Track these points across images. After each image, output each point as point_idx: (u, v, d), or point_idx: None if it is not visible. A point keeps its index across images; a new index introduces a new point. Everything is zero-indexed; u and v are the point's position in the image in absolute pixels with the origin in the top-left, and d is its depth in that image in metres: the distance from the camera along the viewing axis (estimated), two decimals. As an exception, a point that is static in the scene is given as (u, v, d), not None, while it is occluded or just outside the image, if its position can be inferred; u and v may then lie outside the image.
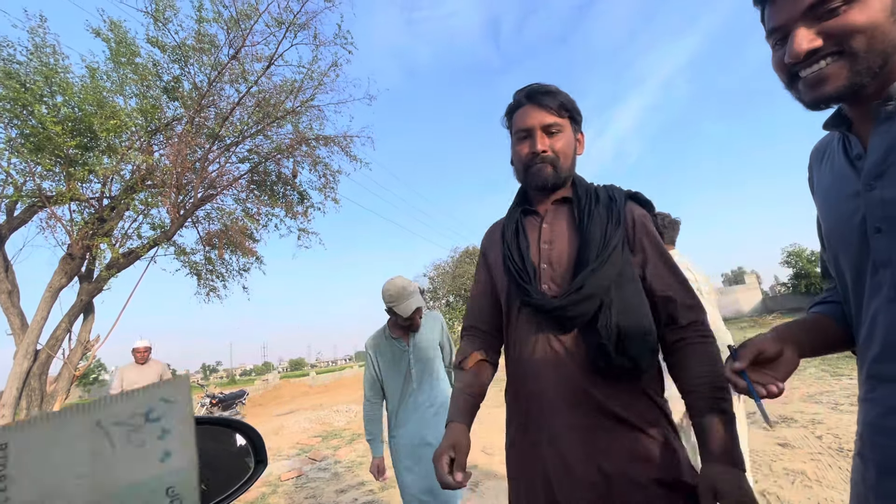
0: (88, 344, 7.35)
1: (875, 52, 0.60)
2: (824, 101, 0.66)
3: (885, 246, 0.62)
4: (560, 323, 1.01)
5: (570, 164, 1.13)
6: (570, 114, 1.12)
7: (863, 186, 0.66)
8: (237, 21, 6.83)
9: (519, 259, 1.10)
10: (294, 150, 8.27)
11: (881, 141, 0.63)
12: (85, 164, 6.55)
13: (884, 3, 0.59)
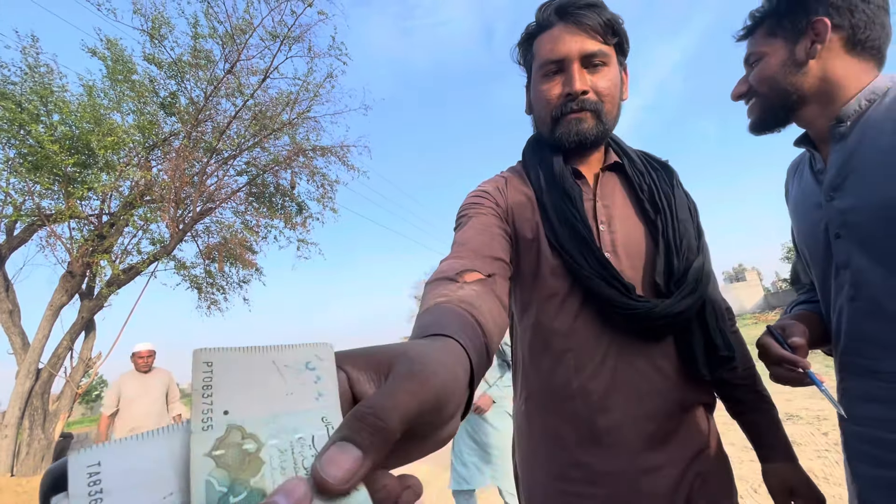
0: (90, 361, 7.33)
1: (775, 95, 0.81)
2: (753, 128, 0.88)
3: (844, 249, 0.72)
4: (646, 334, 0.77)
5: (617, 112, 0.85)
6: (619, 39, 0.82)
7: (824, 198, 0.76)
8: (232, 36, 6.89)
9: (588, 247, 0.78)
10: (291, 161, 8.31)
11: (837, 157, 0.74)
12: (83, 181, 6.58)
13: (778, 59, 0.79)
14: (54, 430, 6.70)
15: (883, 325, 0.67)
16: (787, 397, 5.21)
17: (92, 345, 7.42)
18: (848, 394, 0.74)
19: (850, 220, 0.70)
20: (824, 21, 0.73)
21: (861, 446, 0.71)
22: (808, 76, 0.77)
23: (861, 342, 0.71)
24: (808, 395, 5.17)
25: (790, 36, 0.77)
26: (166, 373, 4.09)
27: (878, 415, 0.68)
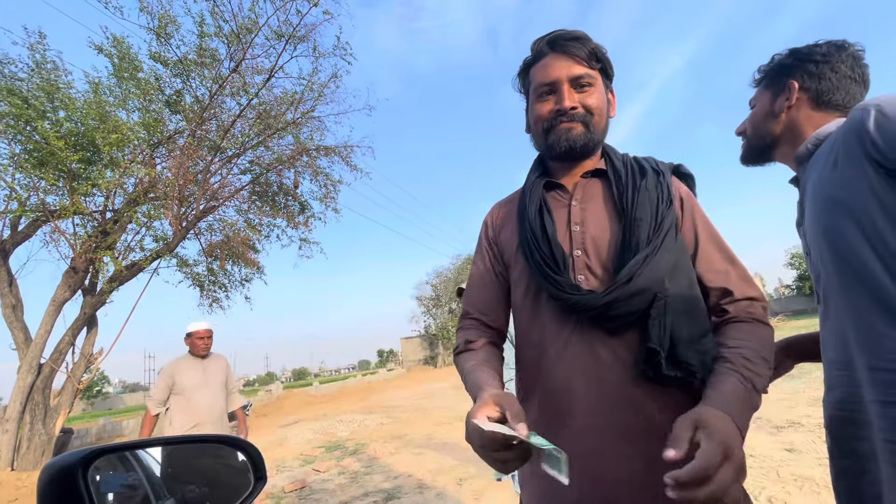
0: (92, 357, 7.36)
1: (756, 138, 1.04)
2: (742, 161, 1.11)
3: (812, 265, 0.89)
4: (601, 323, 0.82)
5: (605, 126, 0.94)
6: (603, 65, 0.93)
7: (797, 223, 0.96)
8: (238, 35, 6.92)
9: (545, 243, 0.88)
10: (295, 160, 8.34)
11: (800, 191, 0.94)
12: (88, 177, 6.62)
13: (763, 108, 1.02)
14: (55, 426, 6.72)
15: (833, 324, 0.82)
16: (789, 404, 5.18)
17: (94, 340, 7.44)
18: (825, 385, 0.89)
19: (809, 241, 0.88)
20: (793, 83, 0.95)
21: (830, 425, 0.86)
22: (779, 124, 0.99)
23: (826, 340, 0.87)
24: (811, 402, 5.14)
25: (774, 91, 1.00)
26: (223, 358, 3.50)
27: (836, 397, 0.83)
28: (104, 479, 0.65)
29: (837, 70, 0.93)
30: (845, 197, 0.75)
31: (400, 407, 10.97)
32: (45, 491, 0.46)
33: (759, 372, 0.75)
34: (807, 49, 0.97)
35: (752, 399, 0.73)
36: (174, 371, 3.17)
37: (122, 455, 0.79)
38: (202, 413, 3.09)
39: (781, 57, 1.01)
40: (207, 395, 3.14)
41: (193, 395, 3.10)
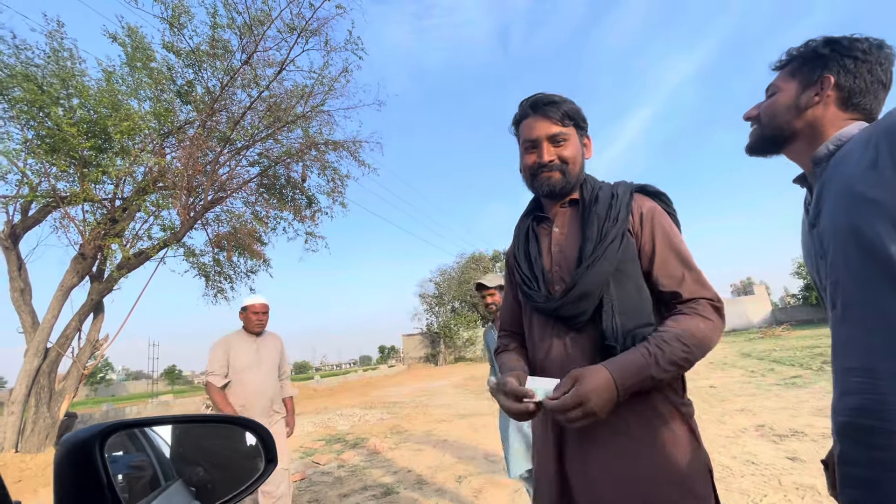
0: (97, 343, 7.43)
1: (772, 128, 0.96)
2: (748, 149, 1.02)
3: (825, 268, 0.86)
4: (565, 323, 1.04)
5: (579, 169, 1.14)
6: (575, 121, 1.13)
7: (809, 226, 0.92)
8: (250, 27, 6.94)
9: (526, 264, 1.15)
10: (304, 154, 8.35)
11: (815, 192, 0.89)
12: (98, 165, 6.66)
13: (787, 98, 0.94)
14: (59, 409, 6.79)
15: (849, 329, 0.80)
16: (792, 413, 5.14)
17: (100, 327, 7.51)
18: (836, 391, 0.86)
19: (825, 244, 0.85)
20: (830, 78, 0.87)
21: (846, 431, 0.83)
22: (802, 120, 0.91)
23: (839, 345, 0.84)
24: (814, 412, 5.10)
25: (803, 81, 0.92)
26: (279, 338, 3.21)
27: (853, 404, 0.79)
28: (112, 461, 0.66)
29: (873, 72, 0.87)
30: (885, 198, 0.71)
31: (400, 403, 11.00)
32: (62, 464, 0.47)
33: (667, 349, 0.91)
34: (847, 42, 0.88)
35: (648, 366, 0.90)
36: (229, 345, 2.92)
37: (133, 434, 0.80)
38: (250, 395, 2.84)
39: (817, 45, 0.91)
40: (258, 377, 2.89)
41: (244, 375, 2.85)
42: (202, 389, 19.95)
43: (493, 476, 4.08)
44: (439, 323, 32.41)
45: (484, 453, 4.97)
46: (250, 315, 3.01)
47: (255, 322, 3.01)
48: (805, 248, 0.97)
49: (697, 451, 0.98)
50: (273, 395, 2.99)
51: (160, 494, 0.76)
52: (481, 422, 6.96)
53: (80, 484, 0.46)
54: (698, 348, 0.94)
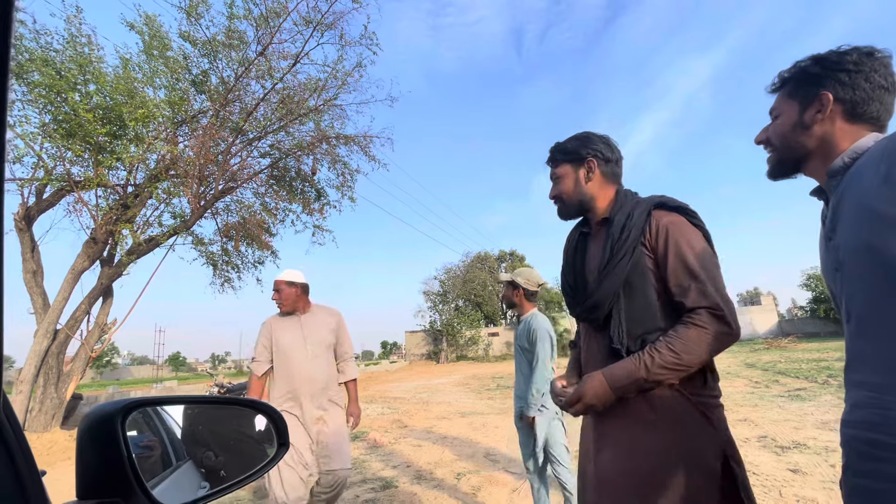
0: (105, 327, 7.53)
1: (785, 151, 0.99)
2: (769, 175, 1.05)
3: (840, 281, 0.86)
4: (590, 325, 1.29)
5: (575, 196, 1.37)
6: (568, 157, 1.37)
7: (825, 238, 0.92)
8: (266, 19, 6.97)
9: (570, 274, 1.37)
10: (314, 147, 8.39)
11: (832, 205, 0.89)
12: (113, 151, 6.75)
13: (790, 119, 0.96)
14: (67, 391, 6.90)
15: (864, 343, 0.80)
16: (794, 426, 5.10)
17: (108, 311, 7.61)
18: (847, 404, 0.86)
19: (841, 257, 0.84)
20: (828, 95, 0.90)
21: (856, 445, 0.83)
22: (811, 137, 0.93)
23: (853, 359, 0.84)
24: (818, 425, 5.05)
25: (803, 101, 0.94)
26: (333, 312, 2.81)
27: (863, 418, 0.80)
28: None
29: (871, 80, 0.88)
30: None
31: (401, 398, 11.05)
32: (84, 437, 0.48)
33: (657, 356, 1.08)
34: (835, 56, 0.91)
35: (638, 370, 1.09)
36: (272, 326, 2.66)
37: (147, 414, 0.81)
38: (297, 379, 2.54)
39: (807, 64, 0.94)
40: (304, 359, 2.58)
41: (287, 359, 2.58)
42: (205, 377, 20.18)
43: (493, 474, 4.09)
44: (442, 321, 32.46)
45: (484, 452, 4.98)
46: (273, 294, 2.68)
47: (276, 301, 2.67)
48: (822, 259, 0.98)
49: (708, 434, 1.09)
50: (327, 380, 2.60)
51: (171, 474, 0.78)
52: (481, 420, 6.97)
53: (102, 456, 0.48)
54: (688, 354, 1.07)
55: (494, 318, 34.63)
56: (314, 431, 2.54)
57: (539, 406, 2.59)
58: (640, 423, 1.14)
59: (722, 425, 1.12)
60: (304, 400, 2.54)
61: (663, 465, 1.08)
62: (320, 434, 2.55)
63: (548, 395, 2.60)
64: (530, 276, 2.79)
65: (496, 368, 20.53)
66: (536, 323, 2.69)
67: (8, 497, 0.37)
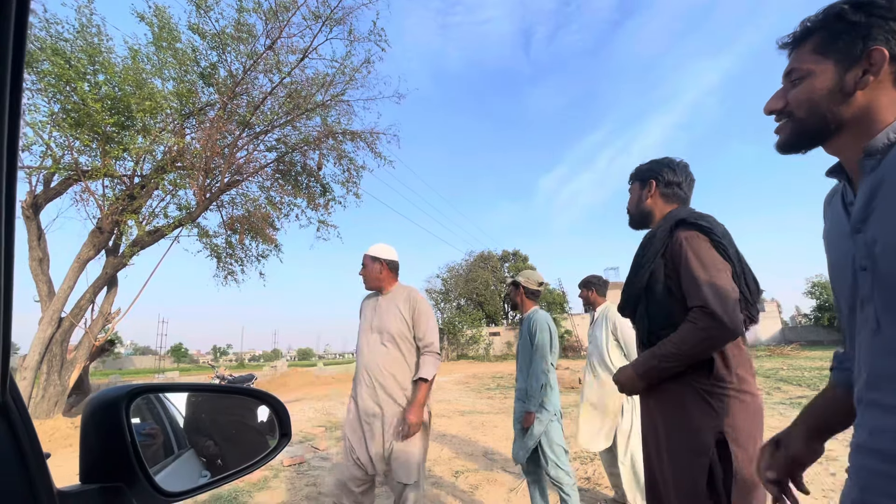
0: (109, 316, 7.58)
1: (812, 120, 0.78)
2: (781, 147, 0.85)
3: (869, 283, 0.71)
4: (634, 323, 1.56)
5: (635, 211, 1.64)
6: (638, 177, 1.64)
7: (851, 229, 0.75)
8: (276, 12, 6.98)
9: None
10: (321, 142, 8.40)
11: (865, 190, 0.72)
12: (120, 142, 6.78)
13: (825, 83, 0.75)
14: (70, 378, 6.95)
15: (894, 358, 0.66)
16: (796, 433, 5.07)
17: (113, 300, 7.66)
18: (865, 428, 0.74)
19: (875, 254, 0.69)
20: (883, 51, 0.68)
21: (873, 479, 0.71)
22: (851, 106, 0.73)
23: (880, 377, 0.70)
24: (819, 433, 5.02)
25: (842, 60, 0.73)
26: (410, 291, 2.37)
27: (890, 448, 0.68)
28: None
29: None
30: None
31: (401, 395, 11.04)
32: (89, 421, 0.48)
33: (662, 348, 1.33)
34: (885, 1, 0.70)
35: (651, 359, 1.36)
36: (362, 304, 2.48)
37: (149, 402, 0.82)
38: (359, 365, 2.30)
39: (844, 10, 0.73)
40: (365, 344, 2.28)
41: (358, 340, 2.36)
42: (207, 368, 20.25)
43: (491, 473, 4.09)
44: (444, 319, 32.48)
45: (483, 450, 4.98)
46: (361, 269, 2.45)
47: (361, 275, 2.43)
48: (836, 253, 0.83)
49: (708, 418, 1.27)
50: (386, 372, 2.20)
51: (173, 462, 0.78)
52: (481, 419, 6.97)
53: (106, 441, 0.48)
54: (684, 345, 1.28)
55: (496, 318, 34.62)
56: (368, 428, 2.21)
57: (539, 401, 2.59)
58: (660, 404, 1.39)
59: (724, 411, 1.27)
60: (361, 389, 2.24)
61: (669, 440, 1.34)
62: (375, 434, 2.18)
63: (547, 390, 2.62)
64: (531, 276, 2.86)
65: (497, 368, 20.53)
66: (536, 317, 2.75)
67: (12, 478, 0.37)
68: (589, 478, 3.81)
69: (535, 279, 2.85)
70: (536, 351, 2.62)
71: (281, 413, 0.76)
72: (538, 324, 2.68)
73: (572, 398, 8.50)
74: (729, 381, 1.30)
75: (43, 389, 6.66)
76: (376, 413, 2.21)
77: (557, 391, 2.73)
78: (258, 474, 4.22)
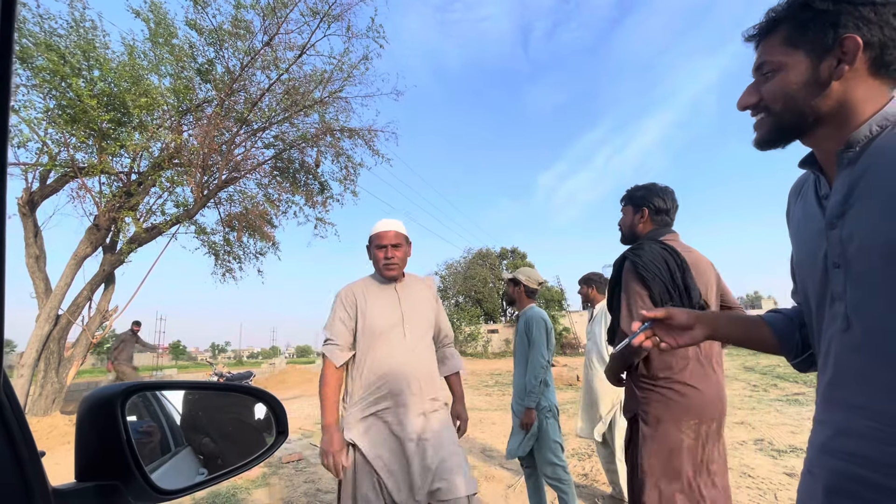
0: (107, 314, 7.56)
1: (790, 114, 0.75)
2: (759, 143, 0.81)
3: (841, 280, 0.69)
4: None
5: (628, 231, 1.94)
6: (630, 201, 1.92)
7: (826, 225, 0.73)
8: (273, 9, 6.94)
9: None
10: (319, 139, 8.37)
11: (842, 184, 0.70)
12: (117, 138, 6.74)
13: (798, 76, 0.72)
14: (67, 376, 6.94)
15: (870, 360, 0.65)
16: (791, 430, 5.10)
17: (110, 298, 7.64)
18: (829, 426, 0.72)
19: (850, 252, 0.68)
20: (856, 39, 0.66)
21: (839, 481, 0.69)
22: (828, 98, 0.71)
23: (848, 375, 0.69)
24: (815, 429, 5.05)
25: (814, 50, 0.71)
26: (430, 282, 2.09)
27: (856, 450, 0.66)
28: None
29: None
30: None
31: (399, 393, 11.07)
32: (84, 419, 0.48)
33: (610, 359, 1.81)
34: None
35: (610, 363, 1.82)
36: (357, 296, 1.89)
37: (146, 400, 0.82)
38: (393, 373, 1.78)
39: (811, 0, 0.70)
40: (402, 345, 1.83)
41: (384, 342, 1.83)
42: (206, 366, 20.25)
43: (489, 470, 4.10)
44: (442, 316, 32.41)
45: (481, 447, 5.00)
46: (376, 251, 1.91)
47: (384, 261, 1.89)
48: (806, 247, 0.80)
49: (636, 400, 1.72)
50: (429, 373, 1.88)
51: (170, 460, 0.78)
52: (478, 416, 6.99)
53: (102, 439, 0.48)
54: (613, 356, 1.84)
55: (494, 316, 34.66)
56: (414, 446, 1.72)
57: (537, 397, 2.60)
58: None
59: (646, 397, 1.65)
60: (402, 401, 1.76)
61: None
62: (424, 449, 1.72)
63: (544, 386, 2.64)
64: (531, 275, 2.89)
65: (495, 365, 20.58)
66: (532, 313, 2.79)
67: (7, 476, 0.37)
68: (586, 474, 3.82)
69: (536, 278, 2.90)
70: (533, 347, 2.64)
71: (278, 411, 0.76)
72: (534, 320, 2.71)
73: (570, 395, 8.53)
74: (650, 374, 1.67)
75: (41, 387, 6.65)
76: (424, 424, 1.77)
77: (553, 388, 2.74)
78: (257, 471, 4.23)
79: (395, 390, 1.78)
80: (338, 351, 1.85)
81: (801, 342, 0.89)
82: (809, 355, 0.89)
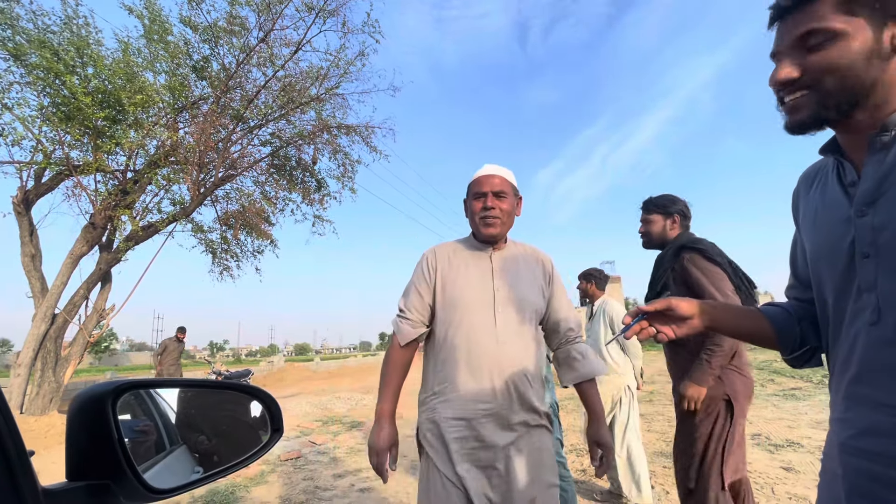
0: (104, 312, 7.53)
1: (845, 91, 0.65)
2: (797, 127, 0.70)
3: (871, 271, 0.64)
4: None
5: (658, 238, 2.11)
6: (658, 209, 2.10)
7: (855, 212, 0.67)
8: (268, 5, 6.89)
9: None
10: (315, 136, 8.33)
11: (874, 170, 0.65)
12: (112, 136, 6.69)
13: (862, 44, 0.62)
14: (64, 375, 6.91)
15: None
16: (788, 424, 5.13)
17: (107, 296, 7.61)
18: (852, 424, 0.68)
19: (882, 240, 0.63)
20: None
21: (861, 481, 0.65)
22: (886, 73, 0.62)
23: (876, 371, 0.64)
24: (812, 424, 5.09)
25: (876, 17, 0.62)
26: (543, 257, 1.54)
27: (883, 450, 0.62)
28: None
29: None
30: None
31: (398, 390, 11.08)
32: (74, 418, 0.47)
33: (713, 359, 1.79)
34: None
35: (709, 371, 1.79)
36: (440, 260, 1.46)
37: (140, 398, 0.81)
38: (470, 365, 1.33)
39: None
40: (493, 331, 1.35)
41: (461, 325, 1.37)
42: (204, 364, 20.22)
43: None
44: (441, 313, 32.43)
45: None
46: (472, 201, 1.44)
47: (481, 213, 1.40)
48: (826, 237, 0.75)
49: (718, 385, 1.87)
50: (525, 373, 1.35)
51: (164, 458, 0.77)
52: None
53: (92, 438, 0.47)
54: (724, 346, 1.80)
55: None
56: (494, 472, 1.29)
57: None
58: None
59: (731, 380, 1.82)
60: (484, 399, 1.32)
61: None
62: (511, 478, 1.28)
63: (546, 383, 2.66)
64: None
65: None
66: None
67: None
68: (585, 470, 3.83)
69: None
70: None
71: (273, 408, 0.75)
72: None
73: (570, 392, 8.54)
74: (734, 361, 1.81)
75: (38, 386, 6.62)
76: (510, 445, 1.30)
77: (553, 384, 2.74)
78: (255, 469, 4.22)
79: (480, 388, 1.31)
80: (407, 326, 1.43)
81: (799, 337, 0.86)
82: (806, 351, 0.86)
